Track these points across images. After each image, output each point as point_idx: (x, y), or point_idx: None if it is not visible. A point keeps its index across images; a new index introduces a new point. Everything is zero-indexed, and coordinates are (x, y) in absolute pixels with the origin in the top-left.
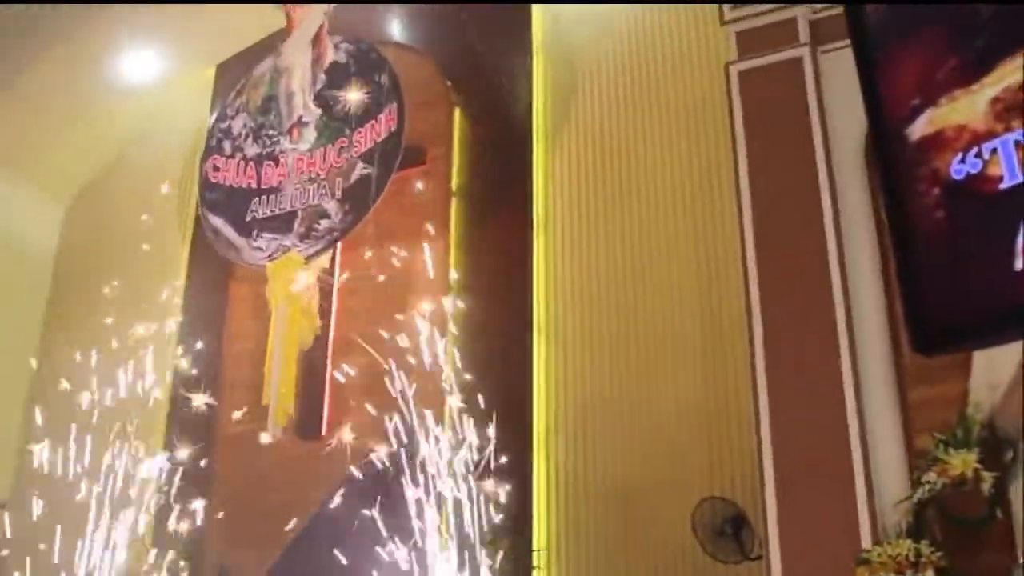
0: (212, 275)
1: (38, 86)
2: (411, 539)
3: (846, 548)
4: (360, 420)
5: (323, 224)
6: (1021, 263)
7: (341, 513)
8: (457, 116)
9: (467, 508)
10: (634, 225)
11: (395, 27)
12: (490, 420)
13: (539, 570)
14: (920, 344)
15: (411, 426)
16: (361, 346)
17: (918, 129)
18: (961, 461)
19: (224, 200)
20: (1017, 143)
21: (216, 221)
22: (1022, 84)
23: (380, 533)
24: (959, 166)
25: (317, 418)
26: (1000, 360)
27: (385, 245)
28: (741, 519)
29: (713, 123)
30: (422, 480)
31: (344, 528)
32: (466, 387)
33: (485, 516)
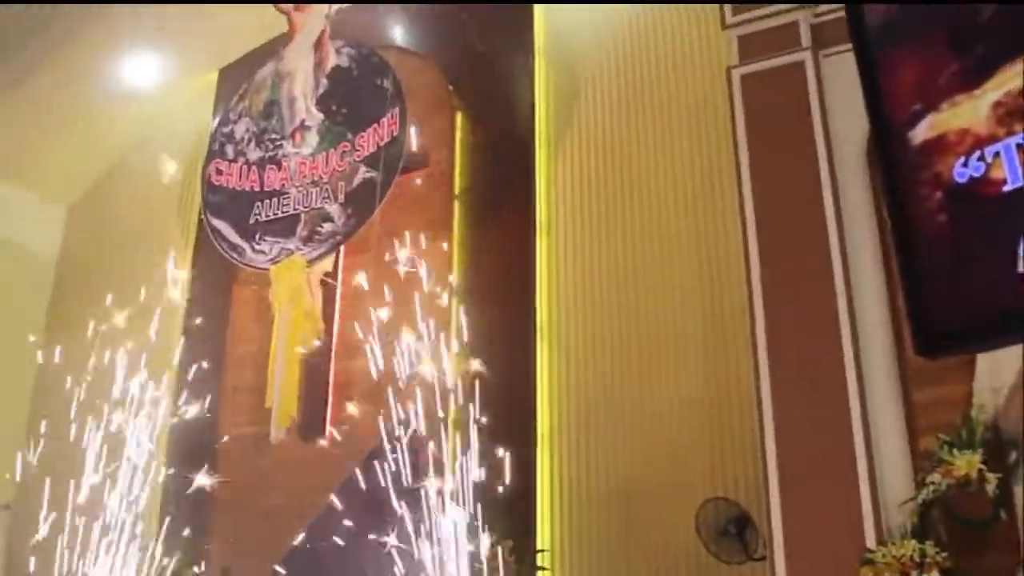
0: (215, 278)
1: (40, 90)
2: (415, 541)
3: (850, 548)
4: (363, 423)
5: (326, 227)
6: None
7: (343, 515)
8: (459, 120)
9: (471, 510)
10: (636, 227)
11: (397, 31)
12: (493, 422)
13: (544, 571)
14: (923, 347)
15: (414, 428)
16: (364, 349)
17: (920, 133)
18: (965, 462)
19: (227, 203)
20: (1019, 146)
21: (219, 224)
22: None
23: (383, 536)
24: (962, 169)
25: (320, 420)
26: (1003, 363)
27: (388, 248)
28: (745, 519)
29: (715, 124)
30: (425, 482)
31: (347, 530)
32: (469, 389)
33: (490, 517)
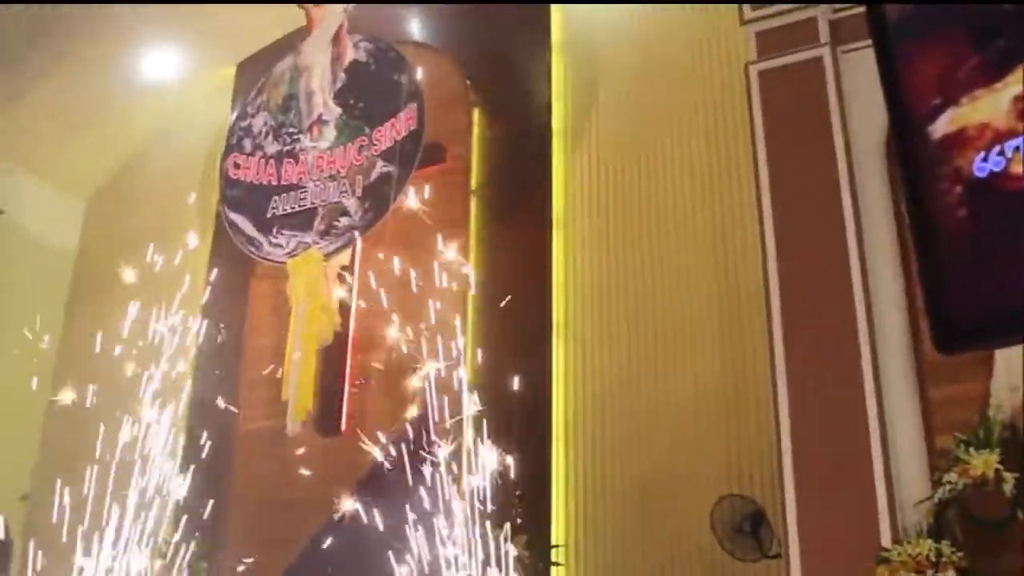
0: (233, 272)
1: (60, 83)
2: (432, 535)
3: (866, 547)
4: (379, 416)
5: (343, 222)
6: None
7: (360, 509)
8: (476, 114)
9: (488, 504)
10: (653, 222)
11: (414, 26)
12: (509, 417)
13: (560, 566)
14: (941, 343)
15: (431, 422)
16: (380, 343)
17: (940, 127)
18: (982, 462)
19: (244, 197)
20: None
21: (236, 217)
22: None
23: (400, 529)
24: (982, 164)
25: (336, 414)
26: (1021, 362)
27: (404, 243)
28: (760, 516)
29: (732, 120)
30: (442, 476)
31: (363, 524)
32: (485, 383)
33: (506, 511)
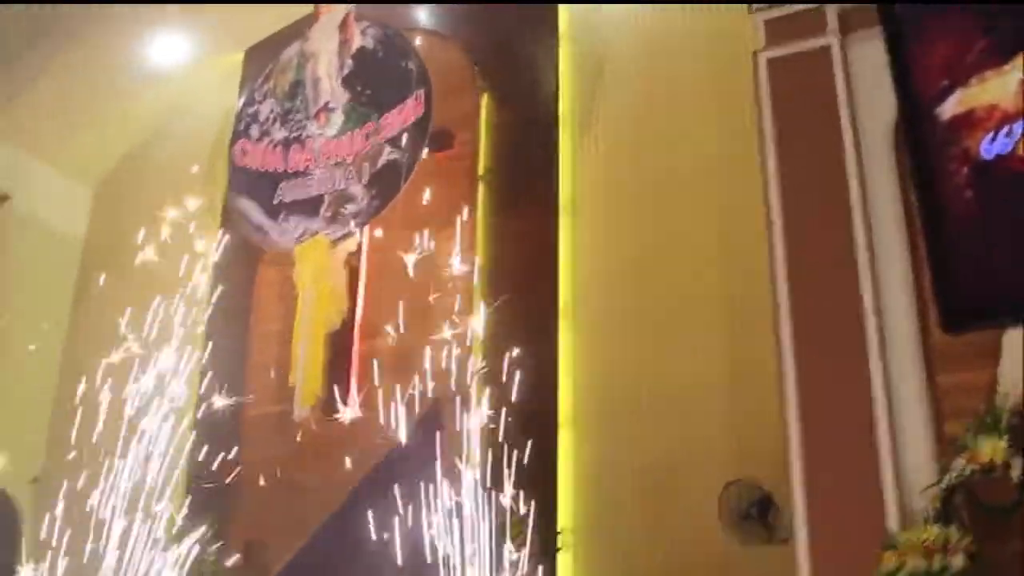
0: (240, 258)
1: (66, 69)
2: (439, 518)
3: (873, 532)
4: (387, 401)
5: (350, 208)
6: None
7: (368, 493)
8: (484, 101)
9: (494, 490)
10: (660, 208)
11: (422, 13)
12: (516, 404)
13: (564, 550)
14: (949, 323)
15: (438, 407)
16: (387, 328)
17: (948, 109)
18: (990, 447)
19: (251, 183)
20: None
21: (243, 204)
22: None
23: (406, 513)
24: (989, 145)
25: (344, 399)
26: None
27: (411, 229)
28: (767, 502)
29: (739, 108)
30: (448, 462)
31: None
32: (492, 369)
33: (511, 497)
